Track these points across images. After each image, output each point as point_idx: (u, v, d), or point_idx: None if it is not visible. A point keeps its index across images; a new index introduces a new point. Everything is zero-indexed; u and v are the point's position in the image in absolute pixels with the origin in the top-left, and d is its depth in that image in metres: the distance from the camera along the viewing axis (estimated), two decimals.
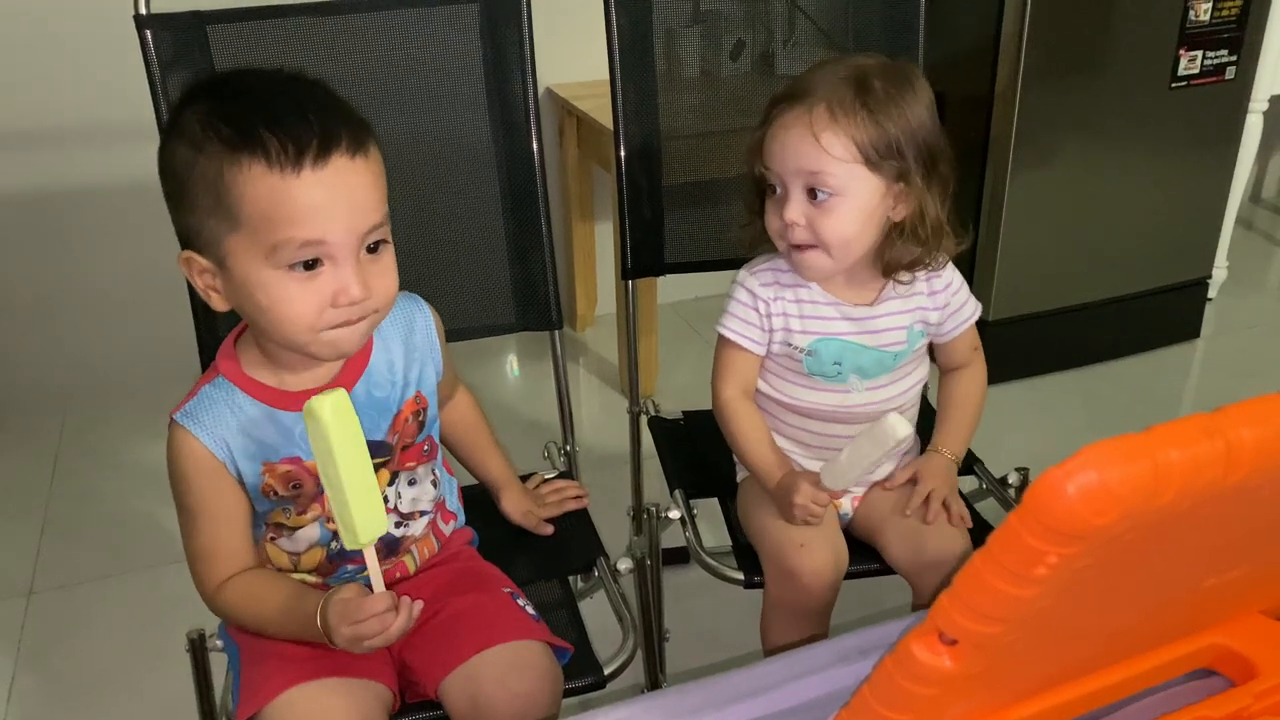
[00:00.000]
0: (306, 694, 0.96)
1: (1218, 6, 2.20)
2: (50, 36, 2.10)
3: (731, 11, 1.68)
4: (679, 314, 2.68)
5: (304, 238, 0.88)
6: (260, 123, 0.87)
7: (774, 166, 1.15)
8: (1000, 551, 0.49)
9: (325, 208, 0.88)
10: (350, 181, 0.90)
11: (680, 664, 1.47)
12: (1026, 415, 2.27)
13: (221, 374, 1.00)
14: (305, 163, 0.87)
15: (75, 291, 2.30)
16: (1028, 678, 0.65)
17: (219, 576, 1.01)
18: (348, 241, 0.90)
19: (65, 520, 2.01)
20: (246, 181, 0.87)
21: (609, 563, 1.24)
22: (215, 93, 0.92)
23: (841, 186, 1.12)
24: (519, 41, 1.33)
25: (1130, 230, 2.37)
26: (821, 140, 1.10)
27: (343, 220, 0.89)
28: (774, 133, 1.14)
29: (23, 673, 1.67)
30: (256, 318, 0.94)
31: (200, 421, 0.97)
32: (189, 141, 0.89)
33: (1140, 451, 0.45)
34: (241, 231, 0.89)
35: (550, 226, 1.39)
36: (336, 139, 0.88)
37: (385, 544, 1.08)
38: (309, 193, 0.87)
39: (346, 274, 0.91)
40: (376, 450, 1.03)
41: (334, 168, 0.88)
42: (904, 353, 1.23)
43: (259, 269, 0.90)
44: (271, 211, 0.87)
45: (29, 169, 2.18)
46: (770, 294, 1.21)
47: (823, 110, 1.10)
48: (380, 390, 1.05)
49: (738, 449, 1.26)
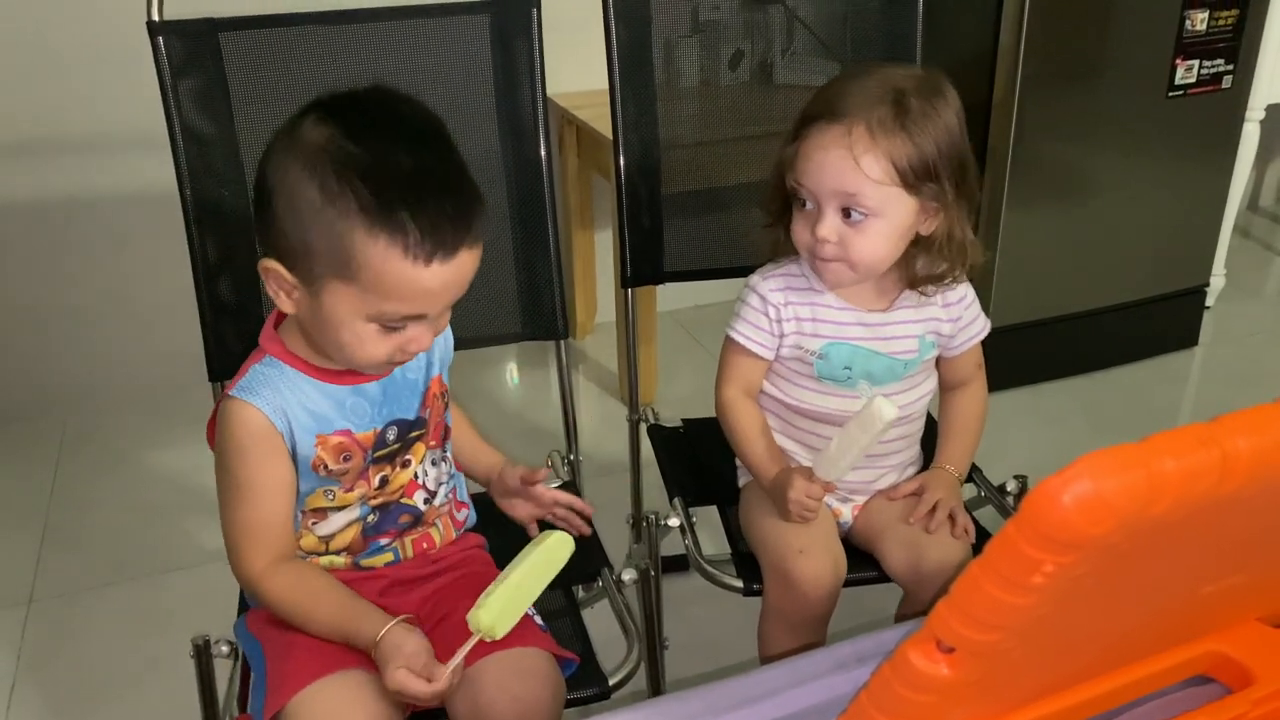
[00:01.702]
0: (333, 685, 0.98)
1: (1214, 16, 2.21)
2: (56, 43, 2.11)
3: (730, 21, 1.69)
4: (678, 322, 2.68)
5: (413, 313, 0.95)
6: (402, 203, 0.89)
7: (808, 183, 1.14)
8: (997, 560, 0.49)
9: (440, 293, 0.95)
10: (467, 270, 0.95)
11: (679, 672, 1.47)
12: (1025, 423, 2.27)
13: (269, 354, 1.03)
14: (437, 257, 0.91)
15: (77, 300, 2.30)
16: (1025, 685, 0.65)
17: (264, 556, 1.02)
18: (440, 312, 0.97)
19: (66, 528, 2.01)
20: (376, 255, 0.90)
21: (613, 573, 1.24)
22: (354, 128, 0.92)
23: (877, 208, 1.12)
24: (529, 52, 1.34)
25: (1128, 238, 2.37)
26: (861, 164, 1.09)
27: (448, 300, 0.97)
28: (809, 151, 1.13)
29: (23, 681, 1.67)
30: (327, 341, 0.98)
31: (258, 394, 1.00)
32: (321, 187, 0.90)
33: (1135, 461, 0.46)
34: (352, 286, 0.92)
35: (558, 235, 1.40)
36: (467, 232, 0.93)
37: (413, 519, 1.12)
38: (432, 281, 0.93)
39: (425, 332, 0.98)
40: (414, 425, 1.08)
41: (458, 261, 0.93)
42: (914, 362, 1.23)
43: (353, 317, 0.95)
44: (394, 290, 0.92)
45: (31, 176, 2.18)
46: (782, 299, 1.22)
47: (863, 132, 1.09)
48: (412, 372, 1.09)
49: (737, 446, 1.26)
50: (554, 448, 1.48)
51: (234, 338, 1.28)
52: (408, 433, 1.08)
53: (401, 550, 1.12)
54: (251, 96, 1.26)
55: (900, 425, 1.25)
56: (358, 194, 0.89)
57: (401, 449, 1.08)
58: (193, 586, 1.83)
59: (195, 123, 1.24)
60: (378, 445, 1.06)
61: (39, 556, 1.94)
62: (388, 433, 1.06)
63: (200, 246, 1.25)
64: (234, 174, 1.26)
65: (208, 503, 1.08)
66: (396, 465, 1.09)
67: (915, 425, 1.29)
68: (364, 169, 0.90)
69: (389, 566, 1.11)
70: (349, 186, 0.90)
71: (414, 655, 0.94)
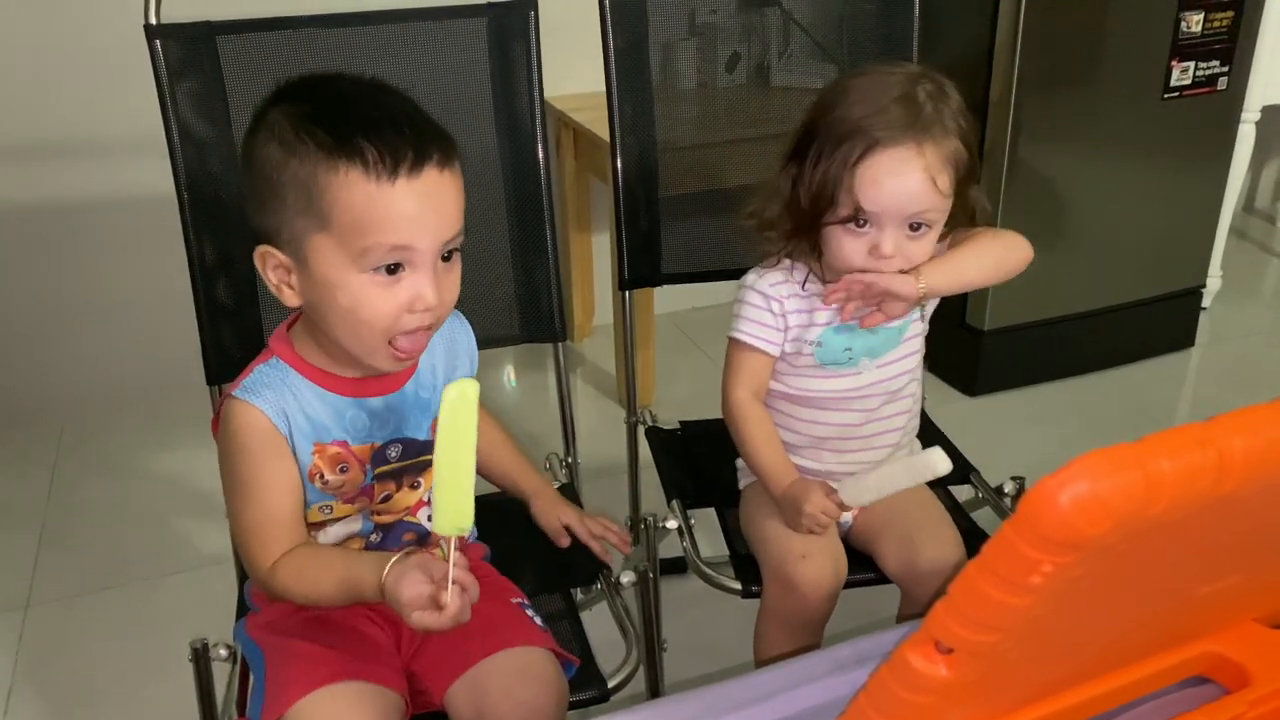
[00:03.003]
0: (332, 695, 0.97)
1: (1209, 18, 2.21)
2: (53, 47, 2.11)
3: (727, 24, 1.69)
4: (676, 324, 2.68)
5: (393, 242, 0.92)
6: (358, 131, 0.90)
7: (877, 208, 1.10)
8: (995, 560, 0.49)
9: (416, 216, 0.92)
10: (439, 192, 0.94)
11: (677, 674, 1.47)
12: (1022, 424, 2.28)
13: (276, 355, 1.02)
14: (401, 172, 0.91)
15: (74, 303, 2.30)
16: (1023, 686, 0.65)
17: (274, 552, 1.00)
18: (431, 248, 0.94)
19: (63, 533, 2.01)
20: (342, 186, 0.91)
21: (611, 575, 1.24)
22: (306, 95, 0.96)
23: (938, 218, 1.13)
24: (526, 55, 1.34)
25: (1124, 240, 2.38)
26: (938, 182, 1.10)
27: (430, 228, 0.93)
28: (879, 177, 1.09)
29: (20, 686, 1.67)
30: (331, 318, 0.96)
31: (261, 395, 0.99)
32: (280, 142, 0.92)
33: (1132, 462, 0.46)
34: (331, 233, 0.92)
35: (555, 238, 1.40)
36: (429, 151, 0.93)
37: (418, 537, 1.10)
38: (402, 201, 0.91)
39: (424, 280, 0.94)
40: (424, 448, 1.07)
41: (426, 179, 0.92)
42: (908, 322, 1.23)
43: (343, 271, 0.93)
44: (365, 217, 0.91)
45: (27, 180, 2.18)
46: (785, 292, 1.21)
47: (933, 149, 1.09)
48: (425, 391, 1.08)
49: (747, 451, 1.25)
50: (552, 450, 1.48)
51: (232, 341, 1.28)
52: (417, 454, 1.07)
53: None
54: (249, 100, 1.25)
55: (900, 399, 1.25)
56: (314, 136, 0.91)
57: (410, 470, 1.07)
58: (190, 590, 1.83)
59: (193, 126, 1.24)
60: (376, 461, 1.04)
61: (36, 560, 1.93)
62: (389, 450, 1.05)
63: (198, 250, 1.25)
64: (232, 177, 1.26)
65: (205, 506, 1.08)
66: (404, 485, 1.07)
67: (913, 399, 1.28)
68: (319, 116, 0.92)
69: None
70: (305, 134, 0.91)
71: (415, 600, 0.90)
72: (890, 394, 1.24)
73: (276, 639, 1.05)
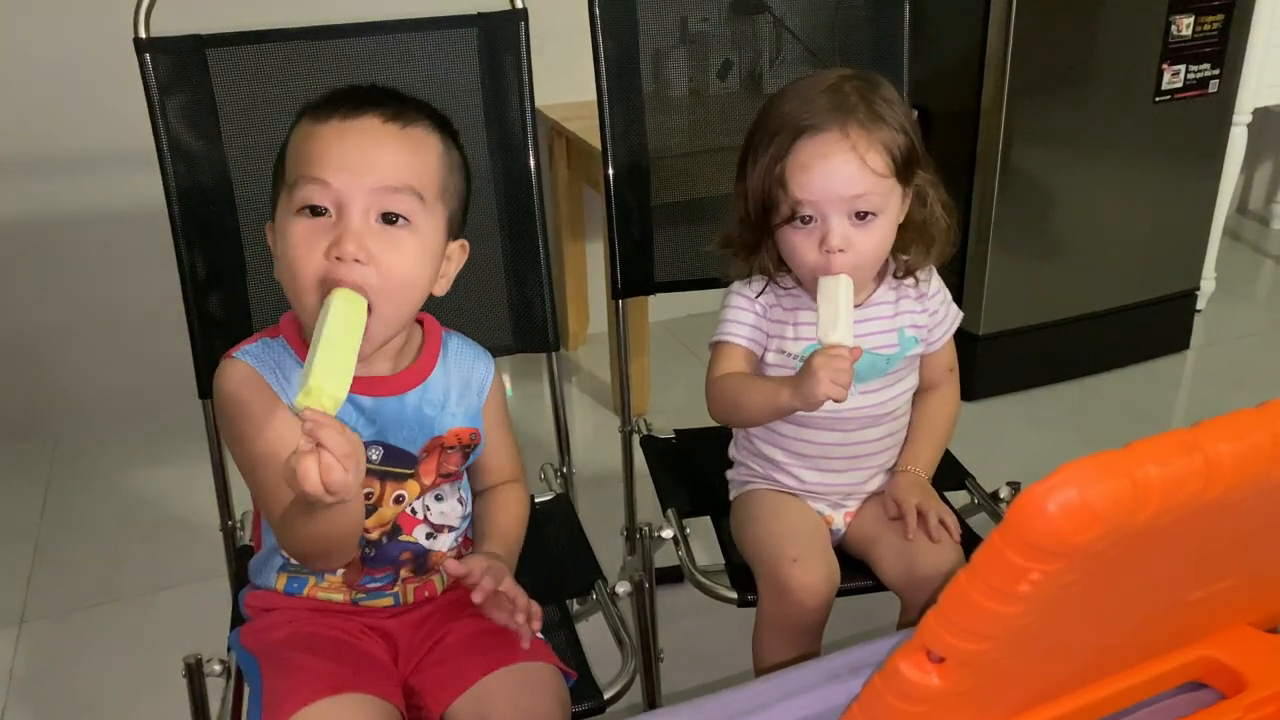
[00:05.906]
0: (331, 707, 0.96)
1: (1199, 21, 2.22)
2: (43, 60, 2.11)
3: (719, 32, 1.69)
4: (670, 332, 2.68)
5: (314, 174, 0.92)
6: (332, 95, 0.96)
7: (812, 196, 1.11)
8: (984, 569, 0.49)
9: (341, 155, 0.93)
10: (375, 140, 0.94)
11: (673, 684, 1.46)
12: (1017, 429, 2.28)
13: (283, 335, 1.03)
14: (337, 113, 0.94)
15: (67, 318, 2.29)
16: (1016, 694, 0.65)
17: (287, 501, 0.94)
18: (355, 195, 0.93)
19: (56, 548, 2.00)
20: (294, 135, 0.96)
21: (607, 585, 1.24)
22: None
23: (882, 203, 1.12)
24: (517, 64, 1.34)
25: (1118, 243, 2.38)
26: (868, 160, 1.10)
27: (354, 170, 0.93)
28: (807, 162, 1.10)
29: (14, 702, 1.66)
30: (283, 277, 0.97)
31: (261, 360, 0.99)
32: (290, 129, 0.98)
33: (1119, 468, 0.46)
34: (283, 184, 0.95)
35: (548, 247, 1.40)
36: (376, 102, 0.95)
37: (415, 558, 1.08)
38: (330, 137, 0.93)
39: (345, 226, 0.92)
40: (399, 459, 1.04)
41: (363, 123, 0.94)
42: (896, 357, 1.23)
43: (283, 216, 0.95)
44: (297, 152, 0.95)
45: (18, 196, 2.18)
46: (769, 300, 1.23)
47: (858, 129, 1.10)
48: (431, 409, 1.05)
49: (741, 401, 1.20)
50: (546, 460, 1.48)
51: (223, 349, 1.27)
52: (398, 464, 1.04)
53: (403, 596, 1.09)
54: (240, 113, 1.26)
55: (885, 423, 1.25)
56: (305, 110, 0.97)
57: (391, 477, 1.04)
58: (184, 604, 1.82)
59: (184, 140, 1.24)
60: None
61: (30, 576, 1.93)
62: (370, 450, 1.02)
63: (189, 263, 1.25)
64: (223, 191, 1.26)
65: (199, 520, 1.07)
66: (386, 489, 1.04)
67: (900, 423, 1.28)
68: (322, 99, 0.97)
69: (388, 610, 1.08)
70: (302, 113, 0.97)
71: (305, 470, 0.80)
72: (873, 419, 1.24)
73: (273, 649, 1.04)
